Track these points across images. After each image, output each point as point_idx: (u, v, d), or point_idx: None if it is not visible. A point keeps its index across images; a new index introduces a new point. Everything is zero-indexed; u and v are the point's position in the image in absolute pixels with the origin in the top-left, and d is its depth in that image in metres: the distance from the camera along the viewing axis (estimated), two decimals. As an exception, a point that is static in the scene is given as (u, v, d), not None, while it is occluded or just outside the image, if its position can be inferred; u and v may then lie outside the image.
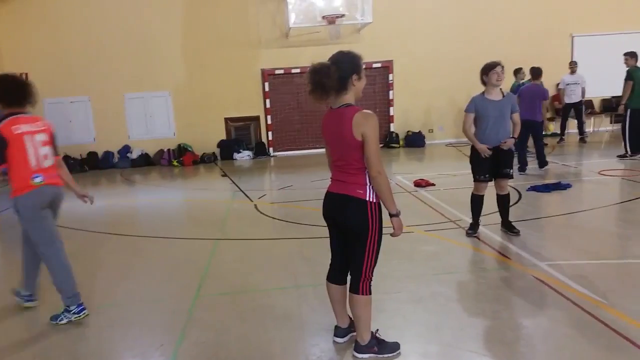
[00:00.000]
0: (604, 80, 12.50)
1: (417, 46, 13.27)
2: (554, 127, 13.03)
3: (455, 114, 13.11)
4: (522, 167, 8.68)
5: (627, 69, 9.37)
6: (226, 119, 13.55)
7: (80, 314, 3.72)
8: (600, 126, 13.63)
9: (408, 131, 13.68)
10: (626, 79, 9.34)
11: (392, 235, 2.85)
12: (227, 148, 13.38)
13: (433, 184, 8.02)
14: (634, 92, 9.28)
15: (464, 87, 6.84)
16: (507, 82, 10.81)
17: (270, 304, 3.89)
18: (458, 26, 13.19)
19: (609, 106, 13.32)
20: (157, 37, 12.83)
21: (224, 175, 10.78)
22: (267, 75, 13.28)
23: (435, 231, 5.56)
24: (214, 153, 13.32)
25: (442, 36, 13.24)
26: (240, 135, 13.71)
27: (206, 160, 13.05)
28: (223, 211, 7.30)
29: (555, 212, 6.24)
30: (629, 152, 9.34)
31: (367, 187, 2.80)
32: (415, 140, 13.49)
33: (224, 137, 13.56)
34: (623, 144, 9.50)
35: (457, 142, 12.83)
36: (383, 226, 2.87)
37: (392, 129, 13.72)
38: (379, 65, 13.39)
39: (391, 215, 2.82)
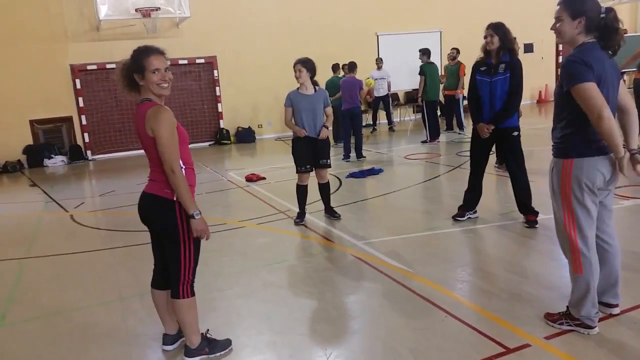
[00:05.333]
0: (405, 75, 14.09)
1: (238, 43, 13.28)
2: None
3: (281, 109, 13.29)
4: (347, 155, 9.33)
5: (420, 64, 10.62)
6: (32, 122, 11.98)
7: None
8: (405, 116, 15.34)
9: (238, 127, 13.70)
10: (420, 74, 10.57)
11: (195, 239, 2.73)
12: (36, 154, 11.86)
13: (264, 178, 8.20)
14: (427, 85, 10.57)
15: (286, 84, 7.06)
16: (325, 76, 11.60)
17: (91, 321, 3.59)
18: (275, 24, 13.51)
19: (412, 98, 15.07)
20: None
21: (33, 184, 9.56)
22: (78, 71, 12.04)
23: (266, 223, 5.71)
24: (19, 160, 11.69)
25: (262, 33, 13.44)
26: (50, 139, 12.25)
27: (10, 169, 11.36)
28: (32, 226, 6.47)
29: (370, 194, 6.86)
30: (429, 139, 10.65)
31: None
32: (245, 136, 13.59)
33: (30, 141, 11.98)
34: (424, 131, 10.81)
35: (285, 136, 13.25)
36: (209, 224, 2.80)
37: (222, 126, 13.59)
38: (202, 60, 13.12)
39: (188, 217, 2.65)
